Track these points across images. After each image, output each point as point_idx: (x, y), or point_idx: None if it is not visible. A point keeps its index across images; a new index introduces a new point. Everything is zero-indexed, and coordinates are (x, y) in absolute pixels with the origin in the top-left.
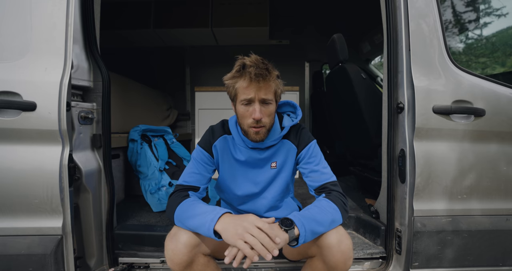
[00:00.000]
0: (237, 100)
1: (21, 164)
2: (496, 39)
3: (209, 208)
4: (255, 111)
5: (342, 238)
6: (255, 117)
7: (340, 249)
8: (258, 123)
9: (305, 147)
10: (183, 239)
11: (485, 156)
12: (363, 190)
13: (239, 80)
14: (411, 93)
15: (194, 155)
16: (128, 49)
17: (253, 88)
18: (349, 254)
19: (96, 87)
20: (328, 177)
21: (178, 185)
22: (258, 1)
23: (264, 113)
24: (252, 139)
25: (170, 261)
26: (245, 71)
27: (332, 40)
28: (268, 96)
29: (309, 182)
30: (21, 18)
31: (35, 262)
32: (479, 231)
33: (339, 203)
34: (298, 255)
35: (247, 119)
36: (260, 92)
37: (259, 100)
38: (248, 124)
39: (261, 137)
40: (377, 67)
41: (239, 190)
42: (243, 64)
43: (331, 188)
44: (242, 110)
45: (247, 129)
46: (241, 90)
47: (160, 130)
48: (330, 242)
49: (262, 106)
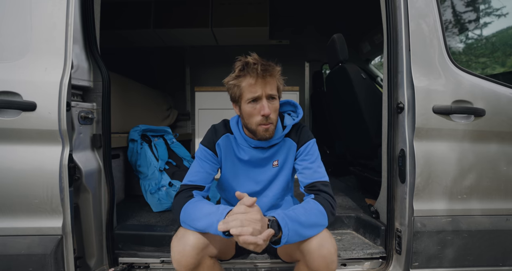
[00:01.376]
0: (242, 100)
1: (21, 164)
2: (496, 39)
3: (213, 208)
4: (263, 107)
5: (323, 242)
6: (264, 114)
7: (321, 254)
8: (267, 120)
9: (304, 144)
10: (191, 241)
11: (485, 156)
12: (363, 190)
13: (244, 79)
14: (411, 93)
15: (198, 154)
16: (128, 49)
17: (260, 84)
18: (331, 258)
19: (96, 87)
20: (320, 176)
21: (183, 184)
22: (258, 1)
23: (271, 109)
24: (262, 137)
25: (177, 263)
26: (250, 69)
27: (332, 40)
28: (274, 92)
29: (301, 178)
30: (21, 18)
31: (35, 262)
32: (479, 231)
33: (327, 205)
34: (289, 257)
35: (255, 117)
36: (266, 88)
37: (266, 96)
38: (257, 122)
39: (270, 133)
40: (377, 67)
41: (240, 189)
42: (246, 63)
43: (320, 187)
44: (249, 108)
45: (256, 127)
46: (247, 88)
47: (160, 130)
48: (310, 246)
49: (269, 103)
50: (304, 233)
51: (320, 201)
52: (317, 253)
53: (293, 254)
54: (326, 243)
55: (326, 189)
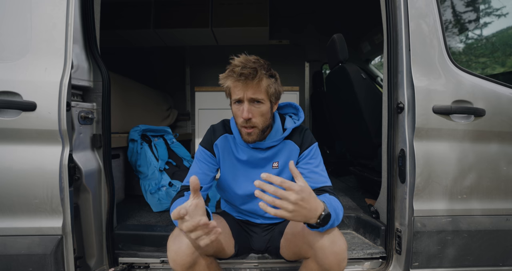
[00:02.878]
0: (231, 99)
1: (21, 164)
2: (496, 39)
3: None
4: (243, 110)
5: (335, 238)
6: (243, 117)
7: (333, 250)
8: (247, 123)
9: (308, 147)
10: (186, 240)
11: (485, 156)
12: (363, 190)
13: (229, 80)
14: (411, 93)
15: (197, 155)
16: (128, 49)
17: (241, 87)
18: (343, 255)
19: (96, 87)
20: (326, 180)
21: (182, 185)
22: (258, 1)
23: (254, 113)
24: (244, 140)
25: (173, 262)
26: (234, 71)
27: (332, 40)
28: (258, 95)
29: (308, 182)
30: (21, 18)
31: (35, 262)
32: (479, 231)
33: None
34: (294, 255)
35: (238, 118)
36: (248, 91)
37: (248, 100)
38: (240, 124)
39: (253, 138)
40: (377, 67)
41: (239, 189)
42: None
43: (329, 191)
44: (235, 109)
45: (240, 129)
46: (232, 90)
47: (160, 130)
48: (323, 243)
49: (252, 106)
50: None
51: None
52: (329, 249)
53: (301, 251)
54: (339, 240)
55: (334, 192)
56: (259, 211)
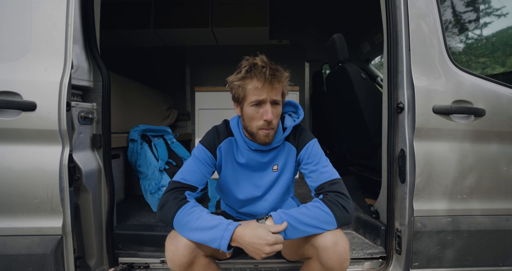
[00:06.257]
0: (245, 102)
1: (21, 164)
2: (496, 39)
3: (216, 221)
4: (267, 112)
5: (338, 239)
6: (267, 119)
7: (336, 251)
8: (269, 125)
9: (304, 147)
10: (183, 241)
11: (485, 156)
12: (363, 190)
13: (251, 81)
14: (411, 93)
15: (196, 153)
16: (128, 49)
17: (266, 89)
18: (346, 256)
19: (96, 87)
20: (327, 176)
21: (176, 182)
22: (258, 1)
23: (274, 114)
24: (261, 142)
25: (171, 262)
26: (258, 72)
27: (332, 40)
28: (279, 97)
29: (309, 182)
30: (21, 18)
31: (35, 262)
32: (479, 231)
33: (335, 204)
34: (296, 255)
35: (257, 121)
36: (272, 93)
37: (271, 101)
38: (258, 126)
39: (270, 139)
40: (377, 67)
41: (240, 194)
42: (253, 64)
43: (328, 188)
44: (252, 112)
45: (256, 131)
46: (253, 91)
47: (160, 130)
48: (326, 243)
49: (273, 108)
50: (303, 228)
51: (326, 201)
52: (332, 249)
53: (303, 251)
54: (341, 240)
55: (334, 187)
56: (258, 213)
